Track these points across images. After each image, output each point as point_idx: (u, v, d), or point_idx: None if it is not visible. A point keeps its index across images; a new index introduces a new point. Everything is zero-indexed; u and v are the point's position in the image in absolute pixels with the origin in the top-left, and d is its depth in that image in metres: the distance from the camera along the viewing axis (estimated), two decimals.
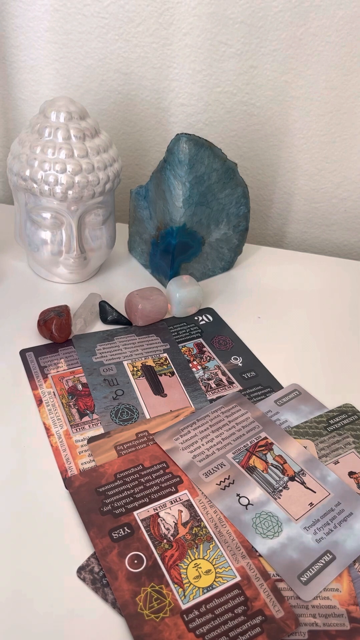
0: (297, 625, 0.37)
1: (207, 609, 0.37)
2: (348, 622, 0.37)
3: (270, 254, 0.78)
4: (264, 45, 0.71)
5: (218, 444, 0.48)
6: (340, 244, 0.88)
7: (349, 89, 0.73)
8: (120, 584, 0.38)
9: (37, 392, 0.52)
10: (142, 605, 0.37)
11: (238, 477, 0.46)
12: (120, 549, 0.40)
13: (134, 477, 0.45)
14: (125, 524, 0.41)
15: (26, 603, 0.37)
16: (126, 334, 0.60)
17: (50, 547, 0.40)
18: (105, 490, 0.44)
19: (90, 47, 0.73)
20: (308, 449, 0.49)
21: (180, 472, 0.46)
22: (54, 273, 0.65)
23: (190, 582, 0.38)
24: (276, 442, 0.49)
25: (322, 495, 0.45)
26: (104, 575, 0.38)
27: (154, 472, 0.45)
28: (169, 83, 0.75)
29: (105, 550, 0.40)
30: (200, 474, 0.45)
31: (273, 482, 0.45)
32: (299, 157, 0.80)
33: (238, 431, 0.49)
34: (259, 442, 0.49)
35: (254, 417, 0.51)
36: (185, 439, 0.48)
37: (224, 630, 0.36)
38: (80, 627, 0.36)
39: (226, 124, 0.78)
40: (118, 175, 0.62)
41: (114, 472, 0.45)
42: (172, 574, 0.39)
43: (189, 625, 0.36)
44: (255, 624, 0.36)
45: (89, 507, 0.42)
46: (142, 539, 0.41)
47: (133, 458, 0.46)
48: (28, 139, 0.59)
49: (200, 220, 0.64)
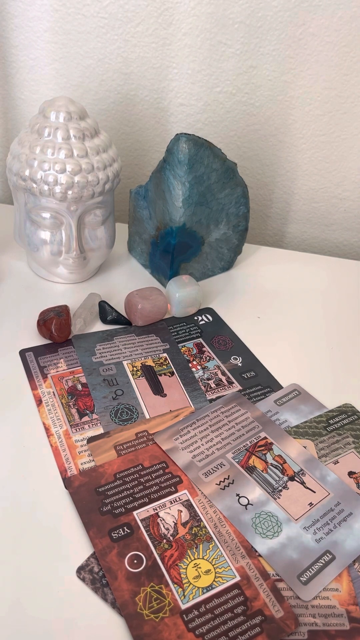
0: (297, 625, 0.37)
1: (207, 608, 0.37)
2: (348, 622, 0.37)
3: (270, 253, 0.78)
4: (263, 45, 0.71)
5: (218, 443, 0.48)
6: (340, 243, 0.88)
7: (349, 89, 0.73)
8: (120, 584, 0.38)
9: (36, 392, 0.52)
10: (142, 605, 0.37)
11: (238, 477, 0.46)
12: (119, 549, 0.40)
13: (133, 477, 0.45)
14: (125, 523, 0.41)
15: (26, 602, 0.37)
16: (126, 334, 0.60)
17: (50, 546, 0.40)
18: (104, 490, 0.44)
19: (89, 47, 0.73)
20: (308, 449, 0.49)
21: (179, 472, 0.46)
22: (54, 273, 0.65)
23: (189, 582, 0.38)
24: (276, 442, 0.49)
25: (321, 495, 0.45)
26: (104, 575, 0.38)
27: (154, 472, 0.45)
28: (169, 83, 0.75)
29: (104, 550, 0.40)
30: (200, 474, 0.45)
31: (273, 482, 0.45)
32: (299, 157, 0.80)
33: (238, 431, 0.49)
34: (258, 442, 0.49)
35: (254, 417, 0.51)
36: (184, 438, 0.48)
37: (224, 630, 0.36)
38: (80, 627, 0.36)
39: (226, 124, 0.78)
40: (117, 175, 0.62)
41: (114, 472, 0.45)
42: (172, 573, 0.39)
43: (189, 625, 0.36)
44: (255, 624, 0.36)
45: (89, 507, 0.42)
46: (141, 539, 0.40)
47: (132, 458, 0.46)
48: (27, 139, 0.59)
49: (199, 220, 0.64)
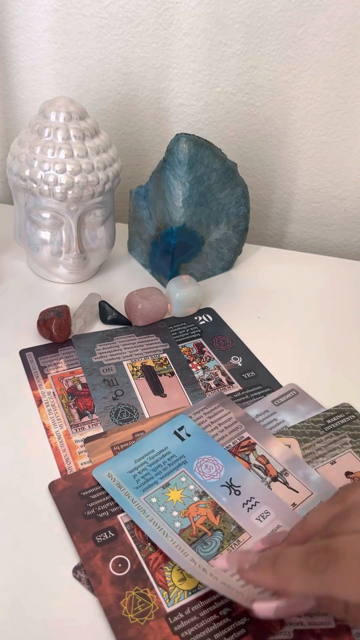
0: (283, 625, 0.36)
1: (192, 611, 0.37)
2: (333, 621, 0.37)
3: (270, 254, 0.78)
4: (263, 45, 0.71)
5: None
6: (340, 243, 0.88)
7: (349, 89, 0.73)
8: (104, 588, 0.37)
9: (36, 392, 0.52)
10: (127, 609, 0.36)
11: None
12: (104, 553, 0.39)
13: None
14: (109, 527, 0.41)
15: (24, 601, 0.37)
16: (126, 334, 0.60)
17: (50, 546, 0.40)
18: (88, 494, 0.43)
19: (90, 47, 0.73)
20: (292, 447, 0.48)
21: None
22: (54, 273, 0.65)
23: (174, 584, 0.38)
24: (259, 442, 0.48)
25: (304, 495, 0.44)
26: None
27: None
28: (169, 83, 0.75)
29: (88, 555, 0.39)
30: None
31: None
32: (299, 157, 0.80)
33: (221, 432, 0.49)
34: (241, 442, 0.48)
35: (237, 417, 0.51)
36: None
37: (209, 632, 0.36)
38: (78, 625, 0.36)
39: (226, 124, 0.78)
40: (118, 176, 0.62)
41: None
42: (157, 577, 0.38)
43: (174, 628, 0.36)
44: (240, 625, 0.36)
45: (72, 512, 0.42)
46: (126, 543, 0.40)
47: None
48: (28, 139, 0.59)
49: (199, 220, 0.64)
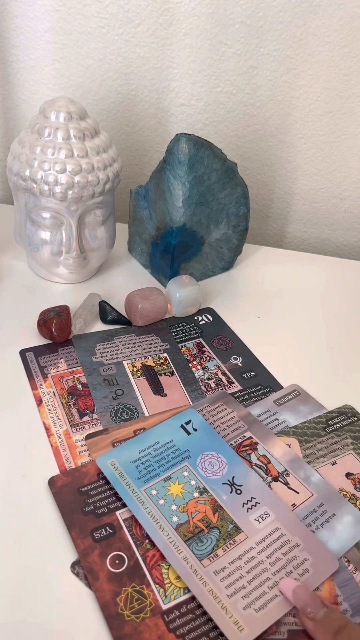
0: (277, 625, 0.36)
1: (188, 609, 0.37)
2: None
3: (270, 253, 0.78)
4: (263, 45, 0.71)
5: None
6: (340, 243, 0.88)
7: (349, 89, 0.73)
8: (101, 585, 0.38)
9: (37, 392, 0.52)
10: (123, 605, 0.37)
11: None
12: (101, 549, 0.39)
13: None
14: (107, 524, 0.41)
15: (22, 594, 0.37)
16: (126, 334, 0.60)
17: (49, 544, 0.40)
18: (87, 490, 0.43)
19: (90, 47, 0.73)
20: (292, 447, 0.48)
21: None
22: (54, 273, 0.65)
23: (171, 582, 0.38)
24: (261, 442, 0.48)
25: (305, 496, 0.44)
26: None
27: None
28: (169, 83, 0.75)
29: (86, 551, 0.39)
30: None
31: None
32: (299, 157, 0.80)
33: (223, 430, 0.49)
34: (243, 441, 0.48)
35: (240, 417, 0.51)
36: None
37: (205, 630, 0.36)
38: (75, 621, 0.36)
39: (226, 124, 0.78)
40: (118, 175, 0.62)
41: (97, 471, 0.45)
42: (154, 574, 0.38)
43: (170, 625, 0.36)
44: None
45: (71, 507, 0.42)
46: (124, 539, 0.40)
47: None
48: (28, 139, 0.59)
49: (200, 220, 0.64)
